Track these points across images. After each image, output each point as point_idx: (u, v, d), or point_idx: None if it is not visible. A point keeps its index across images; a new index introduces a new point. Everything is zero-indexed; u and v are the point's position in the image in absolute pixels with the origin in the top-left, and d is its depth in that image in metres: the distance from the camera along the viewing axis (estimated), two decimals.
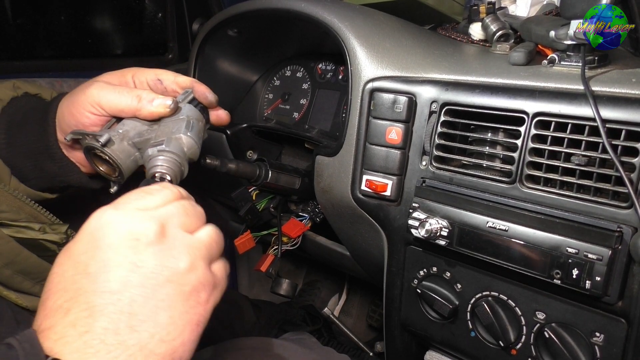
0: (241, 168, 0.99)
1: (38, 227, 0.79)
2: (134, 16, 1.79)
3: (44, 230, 0.79)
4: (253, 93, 1.40)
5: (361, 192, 0.91)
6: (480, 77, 0.82)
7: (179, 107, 0.73)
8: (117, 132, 0.69)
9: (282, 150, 1.33)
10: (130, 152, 0.70)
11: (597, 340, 0.68)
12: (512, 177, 0.74)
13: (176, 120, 0.72)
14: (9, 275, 0.77)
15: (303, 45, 1.30)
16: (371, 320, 1.72)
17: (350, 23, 0.93)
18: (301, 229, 1.12)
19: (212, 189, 1.47)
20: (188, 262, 0.52)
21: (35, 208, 0.79)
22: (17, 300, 0.79)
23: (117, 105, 0.72)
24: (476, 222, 0.75)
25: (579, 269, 0.65)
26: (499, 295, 0.77)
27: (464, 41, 1.05)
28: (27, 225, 0.78)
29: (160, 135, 0.70)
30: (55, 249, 0.80)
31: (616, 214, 0.65)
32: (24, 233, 0.77)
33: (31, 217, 0.79)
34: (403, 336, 0.96)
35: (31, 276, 0.79)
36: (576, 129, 0.68)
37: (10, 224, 0.76)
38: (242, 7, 1.14)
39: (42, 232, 0.79)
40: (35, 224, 0.79)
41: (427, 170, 0.83)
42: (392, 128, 0.85)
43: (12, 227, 0.77)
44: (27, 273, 0.79)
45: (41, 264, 0.80)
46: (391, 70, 0.89)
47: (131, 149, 0.70)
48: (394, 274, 0.91)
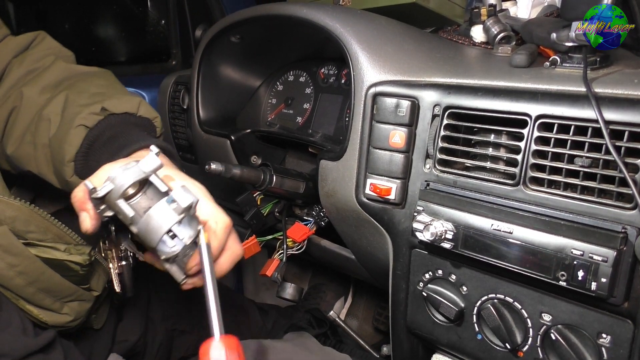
0: (245, 173, 1.00)
1: (64, 247, 0.81)
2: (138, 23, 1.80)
3: (69, 251, 0.81)
4: (256, 98, 1.40)
5: (365, 196, 0.91)
6: (483, 80, 0.82)
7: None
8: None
9: (286, 154, 1.33)
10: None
11: (604, 342, 0.68)
12: (515, 180, 0.74)
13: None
14: (32, 292, 0.79)
15: (305, 50, 1.31)
16: (377, 323, 1.72)
17: (352, 28, 0.94)
18: (306, 233, 1.12)
19: (217, 195, 1.47)
20: None
21: (61, 229, 0.81)
22: (38, 315, 0.81)
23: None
24: (481, 225, 0.75)
25: (585, 271, 0.65)
26: (504, 297, 0.77)
27: (466, 44, 1.05)
28: (53, 245, 0.80)
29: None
30: (78, 269, 0.82)
31: (620, 215, 0.65)
32: (50, 253, 0.79)
33: (57, 237, 0.81)
34: (409, 339, 0.96)
35: (53, 294, 0.81)
36: (579, 130, 0.69)
37: (37, 243, 0.78)
38: (244, 13, 1.15)
39: (68, 253, 0.80)
40: (61, 244, 0.81)
41: (430, 174, 0.84)
42: (395, 132, 0.85)
43: (39, 246, 0.78)
44: (49, 291, 0.80)
45: (63, 283, 0.82)
46: (393, 75, 0.89)
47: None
48: (400, 277, 0.91)
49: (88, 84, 0.91)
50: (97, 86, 0.90)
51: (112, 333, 1.05)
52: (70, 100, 0.85)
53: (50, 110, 0.85)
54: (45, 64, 0.94)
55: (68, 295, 0.83)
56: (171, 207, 0.64)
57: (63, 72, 0.93)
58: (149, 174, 0.66)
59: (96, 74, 0.96)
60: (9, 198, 0.77)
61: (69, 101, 0.85)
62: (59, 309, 0.83)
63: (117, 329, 1.07)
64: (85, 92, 0.87)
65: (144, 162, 0.66)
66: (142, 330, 1.10)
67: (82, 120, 0.82)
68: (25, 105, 0.89)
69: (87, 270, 0.84)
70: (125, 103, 0.86)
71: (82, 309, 0.87)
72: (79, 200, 0.69)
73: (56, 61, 0.94)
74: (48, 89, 0.90)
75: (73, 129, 0.81)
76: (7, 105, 0.91)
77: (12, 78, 0.93)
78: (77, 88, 0.88)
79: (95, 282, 0.89)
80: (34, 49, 0.97)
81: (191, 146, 1.40)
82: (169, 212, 0.64)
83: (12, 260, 0.75)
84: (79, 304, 0.86)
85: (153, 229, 0.65)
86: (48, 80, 0.91)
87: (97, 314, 1.00)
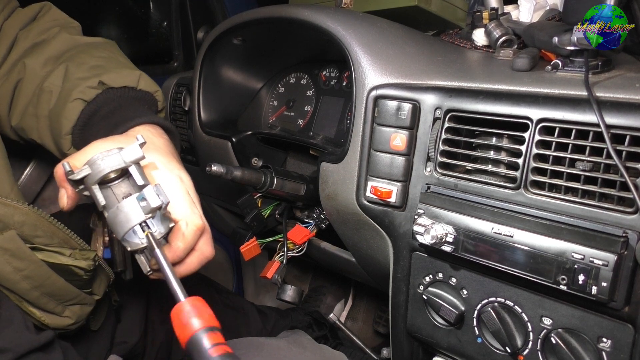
0: (246, 175, 1.00)
1: (69, 252, 0.80)
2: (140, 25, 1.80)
3: (75, 256, 0.81)
4: (258, 100, 1.41)
5: (366, 199, 0.91)
6: (484, 84, 0.82)
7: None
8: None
9: (287, 157, 1.33)
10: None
11: (604, 346, 0.68)
12: (516, 183, 0.74)
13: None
14: (37, 296, 0.79)
15: (307, 53, 1.31)
16: (377, 326, 1.72)
17: (353, 31, 0.94)
18: (306, 235, 1.12)
19: (218, 196, 1.48)
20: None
21: (67, 234, 0.81)
22: (41, 318, 0.81)
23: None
24: (481, 228, 0.75)
25: (585, 275, 0.65)
26: (505, 301, 0.77)
27: (467, 47, 1.05)
28: (59, 250, 0.80)
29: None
30: (82, 274, 0.82)
31: (621, 219, 0.65)
32: (56, 258, 0.79)
33: (63, 242, 0.81)
34: (409, 342, 0.96)
35: (56, 298, 0.81)
36: (580, 134, 0.69)
37: (44, 248, 0.78)
38: (246, 15, 1.16)
39: (73, 259, 0.80)
40: (67, 249, 0.81)
41: (431, 177, 0.84)
42: (396, 135, 0.86)
43: (45, 251, 0.78)
44: (53, 295, 0.80)
45: (67, 287, 0.82)
46: (395, 78, 0.89)
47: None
48: (400, 280, 0.91)
49: (88, 56, 0.90)
50: (97, 58, 0.90)
51: (110, 334, 1.05)
52: (70, 73, 0.85)
53: (50, 83, 0.85)
54: (49, 35, 0.94)
55: (70, 299, 0.84)
56: (140, 205, 0.65)
57: (66, 44, 0.92)
58: (129, 165, 0.67)
59: (98, 46, 0.95)
60: (18, 202, 0.76)
61: (69, 73, 0.85)
62: (60, 312, 0.83)
63: (117, 330, 1.06)
64: (85, 64, 0.87)
65: (127, 151, 0.67)
66: (142, 332, 1.09)
67: (80, 94, 0.82)
68: (28, 77, 0.89)
69: (90, 275, 0.84)
70: (125, 77, 0.85)
71: (83, 313, 0.87)
72: (59, 178, 0.71)
73: (60, 32, 0.94)
74: (50, 61, 0.90)
75: (70, 103, 0.82)
76: (12, 77, 0.91)
77: (19, 50, 0.93)
78: (77, 60, 0.88)
79: (97, 286, 0.89)
80: (40, 21, 0.97)
81: (192, 148, 1.40)
82: (137, 210, 0.65)
83: (19, 264, 0.75)
84: (81, 307, 0.87)
85: (120, 222, 0.65)
86: (51, 52, 0.91)
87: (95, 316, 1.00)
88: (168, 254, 0.69)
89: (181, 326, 0.55)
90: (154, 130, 0.83)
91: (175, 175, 0.75)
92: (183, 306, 0.56)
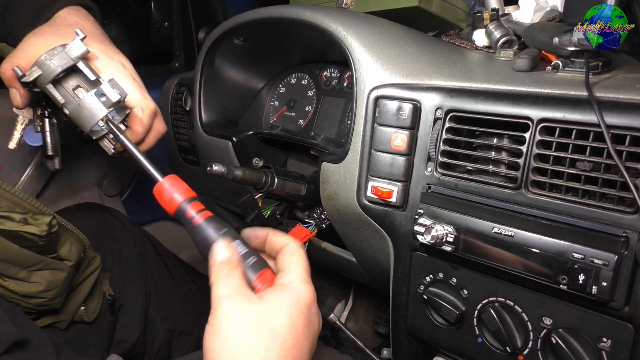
0: (247, 175, 1.00)
1: (19, 217, 0.79)
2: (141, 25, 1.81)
3: (26, 221, 0.80)
4: (259, 100, 1.41)
5: (367, 199, 0.91)
6: (485, 84, 0.82)
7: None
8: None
9: (287, 157, 1.33)
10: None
11: (605, 346, 0.68)
12: (517, 183, 0.74)
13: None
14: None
15: (308, 53, 1.31)
16: (378, 327, 1.72)
17: (354, 31, 0.94)
18: (307, 235, 1.12)
19: (219, 196, 1.48)
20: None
21: (17, 195, 0.80)
22: (4, 284, 0.80)
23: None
24: (482, 228, 0.75)
25: (585, 275, 0.65)
26: (505, 300, 0.77)
27: (468, 48, 1.05)
28: (7, 215, 0.79)
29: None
30: (36, 240, 0.80)
31: (622, 219, 0.66)
32: (3, 224, 0.78)
33: (13, 204, 0.80)
34: (410, 342, 0.96)
35: (16, 264, 0.80)
36: (581, 134, 0.69)
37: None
38: (247, 16, 1.16)
39: (22, 224, 0.79)
40: (17, 213, 0.80)
41: (432, 177, 0.84)
42: (397, 135, 0.86)
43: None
44: (12, 262, 0.79)
45: (24, 253, 0.80)
46: (396, 78, 0.89)
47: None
48: (400, 280, 0.91)
49: None
50: None
51: (108, 332, 1.04)
52: None
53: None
54: None
55: (33, 265, 0.83)
56: (100, 100, 0.73)
57: None
58: (76, 61, 0.73)
59: None
60: None
61: None
62: (26, 278, 0.82)
63: (115, 328, 1.06)
64: None
65: (71, 48, 0.72)
66: (142, 330, 1.10)
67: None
68: None
69: (46, 240, 0.82)
70: None
71: (55, 279, 0.86)
72: (9, 79, 0.74)
73: None
74: None
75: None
76: None
77: None
78: None
79: (66, 251, 0.88)
80: None
81: (193, 148, 1.41)
82: (99, 106, 0.73)
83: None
84: (51, 273, 0.85)
85: (85, 117, 0.73)
86: None
87: (88, 307, 0.99)
88: (131, 138, 0.77)
89: (166, 201, 0.62)
90: (78, 13, 0.85)
91: (117, 62, 0.81)
92: (163, 184, 0.62)
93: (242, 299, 0.54)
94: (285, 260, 0.61)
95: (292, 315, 0.55)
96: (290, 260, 0.61)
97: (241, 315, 0.53)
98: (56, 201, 1.50)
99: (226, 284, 0.55)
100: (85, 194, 1.57)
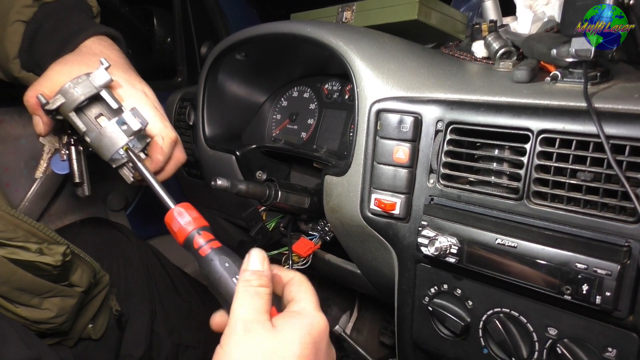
0: (251, 189, 1.01)
1: (35, 247, 0.80)
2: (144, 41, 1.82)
3: (41, 251, 0.80)
4: (261, 114, 1.42)
5: (370, 211, 0.92)
6: (484, 96, 0.83)
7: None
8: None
9: (291, 169, 1.34)
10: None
11: (610, 356, 0.68)
12: (519, 194, 0.75)
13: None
14: (7, 290, 0.78)
15: (309, 67, 1.32)
16: (383, 338, 1.72)
17: (355, 45, 0.95)
18: (311, 247, 1.12)
19: (223, 210, 1.49)
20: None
21: (33, 225, 0.80)
22: (16, 311, 0.80)
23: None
24: (485, 239, 0.76)
25: (589, 285, 0.66)
26: (510, 311, 0.77)
27: (467, 59, 1.06)
28: (24, 245, 0.79)
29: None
30: (50, 269, 0.81)
31: (624, 229, 0.66)
32: (19, 254, 0.78)
33: (29, 234, 0.80)
34: (416, 354, 0.96)
35: (29, 292, 0.80)
36: (581, 145, 0.69)
37: (6, 243, 0.77)
38: (249, 31, 1.17)
39: (38, 254, 0.79)
40: (33, 243, 0.80)
41: (434, 188, 0.84)
42: (399, 147, 0.86)
43: (8, 247, 0.77)
44: (24, 290, 0.80)
45: (37, 282, 0.81)
46: (396, 91, 0.90)
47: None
48: (405, 291, 0.91)
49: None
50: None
51: (114, 347, 1.05)
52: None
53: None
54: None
55: (46, 292, 0.83)
56: (122, 129, 0.73)
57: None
58: (100, 89, 0.74)
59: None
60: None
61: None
62: (38, 305, 0.82)
63: (122, 343, 1.07)
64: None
65: (95, 76, 0.73)
66: (148, 344, 1.10)
67: (17, 15, 0.81)
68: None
69: (60, 270, 0.83)
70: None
71: (65, 305, 0.86)
72: (32, 107, 0.75)
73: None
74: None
75: (10, 26, 0.81)
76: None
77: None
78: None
79: (77, 278, 0.88)
80: None
81: (197, 162, 1.42)
82: (120, 134, 0.73)
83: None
84: (61, 299, 0.85)
85: (106, 146, 0.74)
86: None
87: (95, 324, 0.99)
88: (150, 167, 0.77)
89: (177, 229, 0.63)
90: (104, 43, 0.85)
91: (139, 90, 0.81)
92: (174, 212, 0.63)
93: (258, 327, 0.54)
94: (294, 290, 0.61)
95: (303, 345, 0.54)
96: (299, 289, 0.61)
97: (254, 345, 0.52)
98: (62, 216, 1.51)
99: (250, 305, 0.55)
100: (91, 209, 1.58)
